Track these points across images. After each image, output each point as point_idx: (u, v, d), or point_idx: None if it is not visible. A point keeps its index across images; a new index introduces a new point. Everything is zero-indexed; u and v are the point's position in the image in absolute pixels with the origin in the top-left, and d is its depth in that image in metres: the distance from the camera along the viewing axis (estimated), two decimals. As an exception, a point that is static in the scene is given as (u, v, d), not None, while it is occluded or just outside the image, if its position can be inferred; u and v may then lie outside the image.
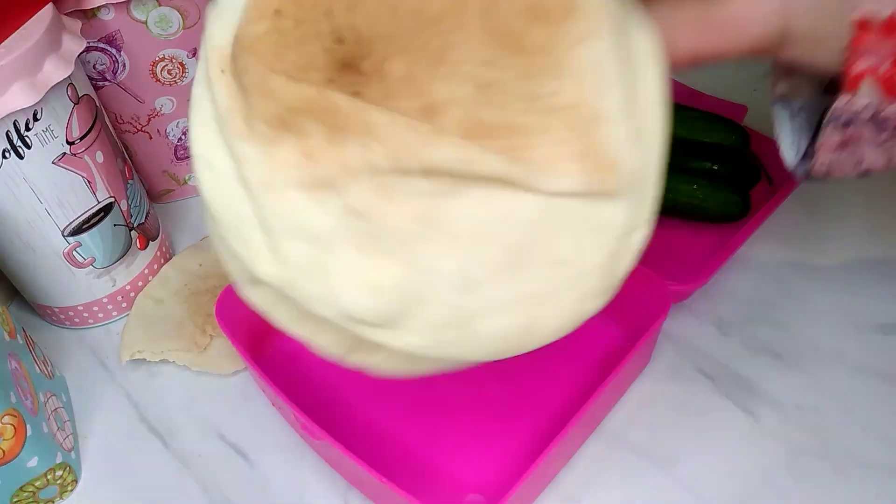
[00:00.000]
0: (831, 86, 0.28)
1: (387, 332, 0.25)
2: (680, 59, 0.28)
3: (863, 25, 0.25)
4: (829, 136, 0.28)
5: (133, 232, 0.52)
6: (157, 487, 0.44)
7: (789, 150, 0.31)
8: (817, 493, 0.40)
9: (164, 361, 0.49)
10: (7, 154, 0.42)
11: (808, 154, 0.29)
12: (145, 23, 0.51)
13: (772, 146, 0.35)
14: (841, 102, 0.26)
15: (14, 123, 0.41)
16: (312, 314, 0.26)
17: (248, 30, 0.24)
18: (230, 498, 0.43)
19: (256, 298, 0.28)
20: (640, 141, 0.26)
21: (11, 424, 0.38)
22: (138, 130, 0.57)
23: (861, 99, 0.26)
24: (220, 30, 0.26)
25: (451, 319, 0.25)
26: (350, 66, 0.23)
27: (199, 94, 0.27)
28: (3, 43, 0.40)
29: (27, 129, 0.42)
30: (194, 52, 0.54)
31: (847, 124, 0.27)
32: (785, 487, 0.40)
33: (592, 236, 0.25)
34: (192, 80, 0.59)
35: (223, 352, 0.49)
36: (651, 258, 0.46)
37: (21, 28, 0.41)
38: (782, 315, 0.48)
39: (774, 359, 0.46)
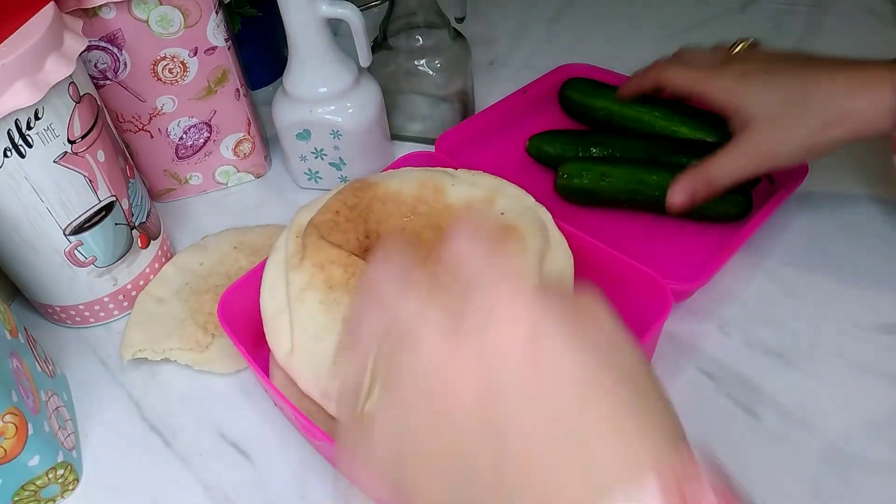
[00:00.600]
0: None
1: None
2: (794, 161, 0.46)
3: None
4: None
5: (134, 231, 0.52)
6: (157, 486, 0.44)
7: None
8: (817, 493, 0.40)
9: (165, 360, 0.50)
10: (8, 153, 0.42)
11: None
12: (146, 22, 0.51)
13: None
14: None
15: (15, 122, 0.41)
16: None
17: (318, 217, 0.45)
18: (231, 497, 0.43)
19: (282, 373, 0.41)
20: None
21: (13, 423, 0.38)
22: (139, 129, 0.57)
23: None
24: (303, 216, 0.46)
25: None
26: (369, 251, 0.41)
27: (278, 246, 0.45)
28: (4, 42, 0.40)
29: (28, 127, 0.42)
30: (195, 51, 0.54)
31: None
32: (785, 487, 0.40)
33: None
34: (193, 79, 0.60)
35: (224, 351, 0.49)
36: (652, 257, 0.46)
37: (22, 27, 0.41)
38: (783, 315, 0.48)
39: (775, 358, 0.46)
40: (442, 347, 0.21)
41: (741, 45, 0.51)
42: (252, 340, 0.44)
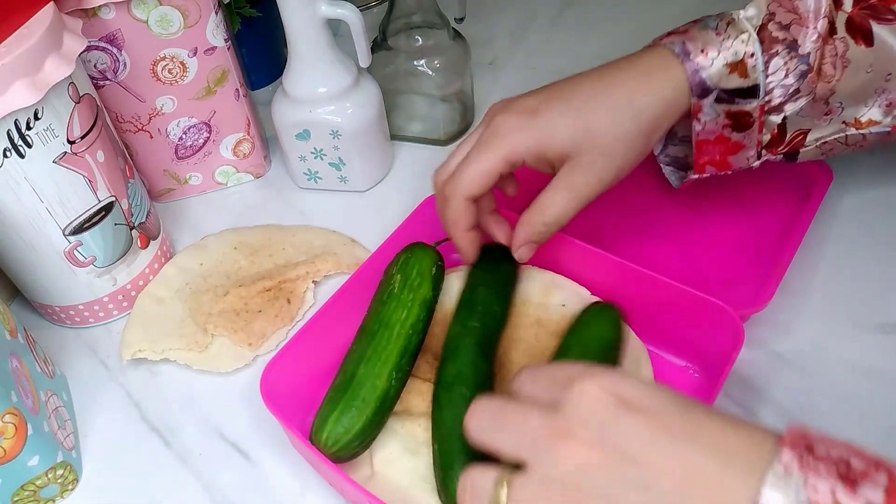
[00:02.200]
0: None
1: None
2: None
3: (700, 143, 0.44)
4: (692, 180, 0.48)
5: (134, 231, 0.52)
6: (157, 486, 0.44)
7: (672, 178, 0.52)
8: (817, 492, 0.40)
9: (164, 360, 0.50)
10: (8, 153, 0.42)
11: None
12: (146, 22, 0.51)
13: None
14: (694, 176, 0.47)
15: (15, 122, 0.41)
16: None
17: None
18: (231, 496, 0.43)
19: None
20: None
21: (12, 423, 0.38)
22: (139, 130, 0.57)
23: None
24: None
25: None
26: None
27: None
28: (3, 42, 0.40)
29: (28, 128, 0.42)
30: (195, 51, 0.54)
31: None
32: (785, 487, 0.40)
33: None
34: (193, 79, 0.60)
35: (224, 351, 0.49)
36: (712, 285, 0.45)
37: (22, 27, 0.41)
38: (783, 315, 0.48)
39: (775, 358, 0.46)
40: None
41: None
42: (299, 417, 0.43)
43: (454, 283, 0.48)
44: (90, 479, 0.45)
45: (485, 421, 0.29)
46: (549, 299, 0.47)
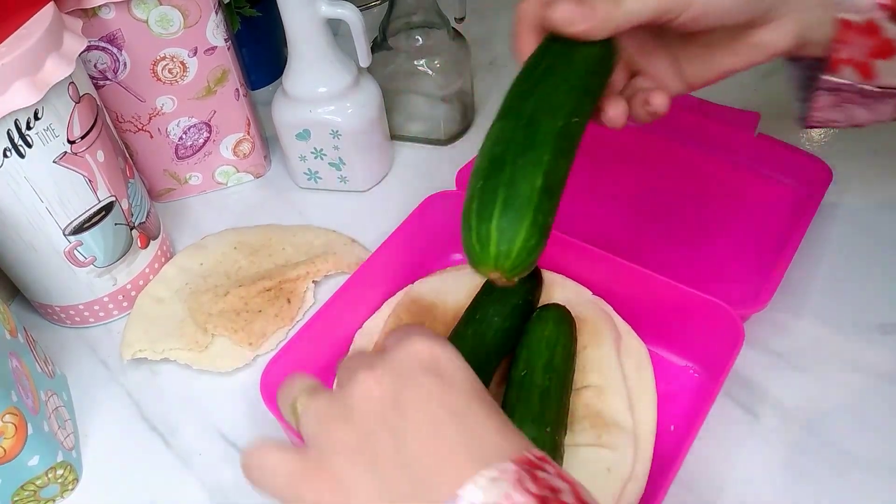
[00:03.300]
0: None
1: None
2: (720, 76, 0.38)
3: (845, 24, 0.35)
4: (821, 99, 0.38)
5: (134, 231, 0.52)
6: (157, 486, 0.44)
7: (797, 108, 0.42)
8: (817, 492, 0.40)
9: (165, 360, 0.50)
10: (8, 153, 0.42)
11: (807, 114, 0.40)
12: (146, 22, 0.51)
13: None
14: (826, 77, 0.37)
15: (15, 122, 0.41)
16: None
17: (381, 341, 0.47)
18: (231, 496, 0.43)
19: None
20: (633, 410, 0.41)
21: (12, 423, 0.38)
22: (139, 129, 0.57)
23: (844, 77, 0.36)
24: (361, 342, 0.48)
25: None
26: None
27: None
28: (3, 42, 0.40)
29: (28, 127, 0.42)
30: (195, 51, 0.54)
31: (835, 91, 0.37)
32: (785, 487, 0.40)
33: (601, 477, 0.39)
34: (193, 79, 0.59)
35: (224, 351, 0.49)
36: (711, 285, 0.45)
37: (22, 27, 0.41)
38: (783, 315, 0.48)
39: (775, 358, 0.46)
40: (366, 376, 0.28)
41: None
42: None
43: (461, 281, 0.48)
44: (90, 479, 0.45)
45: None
46: (550, 298, 0.47)
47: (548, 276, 0.48)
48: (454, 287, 0.48)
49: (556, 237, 0.45)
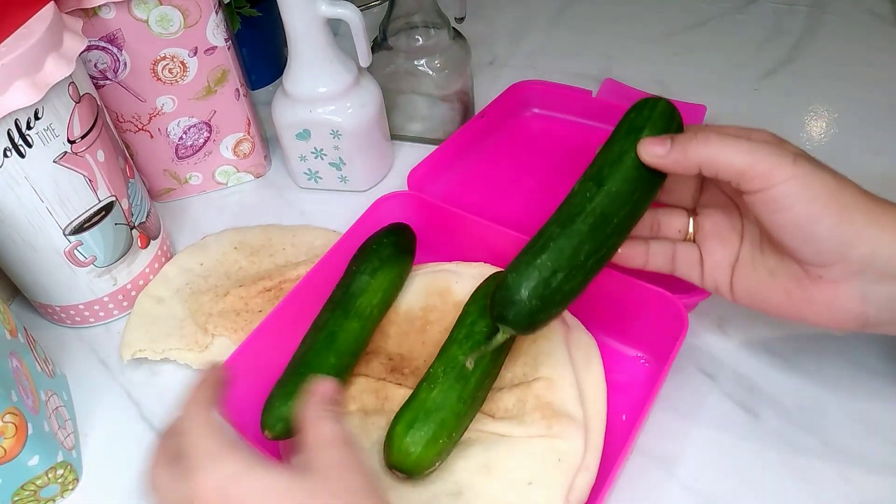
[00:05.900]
0: None
1: None
2: (769, 313, 0.38)
3: None
4: None
5: (134, 231, 0.52)
6: (157, 486, 0.44)
7: None
8: (817, 492, 0.40)
9: (165, 360, 0.50)
10: (8, 153, 0.42)
11: None
12: (146, 21, 0.51)
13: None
14: None
15: (15, 122, 0.41)
16: None
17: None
18: (231, 497, 0.43)
19: None
20: (583, 401, 0.41)
21: (12, 423, 0.38)
22: (139, 129, 0.57)
23: None
24: None
25: None
26: (395, 371, 0.45)
27: None
28: (4, 41, 0.40)
29: (28, 127, 0.42)
30: (195, 51, 0.54)
31: None
32: (785, 487, 0.40)
33: (552, 467, 0.39)
34: (193, 79, 0.60)
35: (224, 351, 0.49)
36: (655, 274, 0.45)
37: (22, 27, 0.41)
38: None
39: (775, 358, 0.46)
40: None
41: None
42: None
43: (415, 282, 0.48)
44: (90, 479, 0.45)
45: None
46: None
47: (486, 269, 0.48)
48: (406, 287, 0.49)
49: (503, 232, 0.46)
